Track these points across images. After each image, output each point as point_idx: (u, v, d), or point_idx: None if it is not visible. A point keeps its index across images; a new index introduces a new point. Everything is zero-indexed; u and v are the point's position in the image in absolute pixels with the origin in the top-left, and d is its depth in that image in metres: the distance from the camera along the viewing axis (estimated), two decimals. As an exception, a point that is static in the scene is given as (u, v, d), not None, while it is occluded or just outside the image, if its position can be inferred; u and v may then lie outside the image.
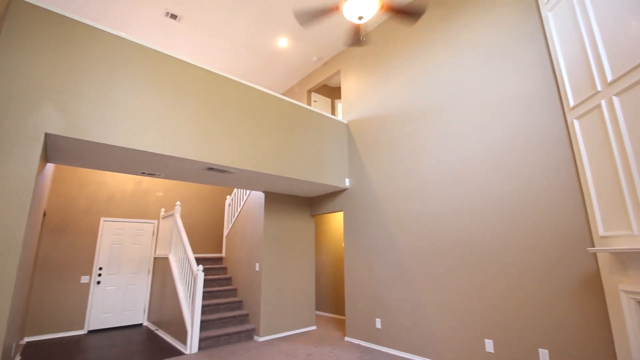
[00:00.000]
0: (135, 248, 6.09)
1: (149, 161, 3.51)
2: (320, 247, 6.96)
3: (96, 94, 2.94)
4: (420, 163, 4.14)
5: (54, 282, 5.19)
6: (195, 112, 3.56)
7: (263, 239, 5.07)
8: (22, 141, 2.54)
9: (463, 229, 3.57)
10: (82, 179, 5.75)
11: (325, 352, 4.12)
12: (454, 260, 3.60)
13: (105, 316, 5.57)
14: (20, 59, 2.62)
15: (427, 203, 3.97)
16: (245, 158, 3.87)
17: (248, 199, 5.76)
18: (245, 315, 5.07)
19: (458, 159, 3.74)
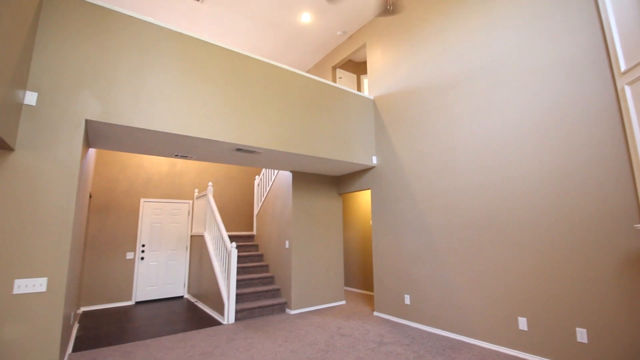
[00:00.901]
0: (173, 226, 6.46)
1: (180, 143, 3.64)
2: (347, 225, 7.02)
3: (129, 79, 3.06)
4: (452, 137, 3.98)
5: (103, 258, 5.66)
6: (223, 93, 3.61)
7: (292, 217, 5.19)
8: (65, 128, 2.71)
9: (497, 204, 3.44)
10: (122, 163, 6.10)
11: (354, 325, 4.24)
12: (487, 236, 3.50)
13: (149, 289, 6.04)
14: (58, 49, 2.76)
15: (460, 179, 3.84)
16: (272, 138, 3.91)
17: (276, 178, 5.87)
18: (277, 290, 5.29)
19: (494, 131, 3.56)
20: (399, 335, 3.80)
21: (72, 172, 2.69)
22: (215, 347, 3.50)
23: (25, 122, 2.56)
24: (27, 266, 2.42)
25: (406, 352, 3.29)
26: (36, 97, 2.61)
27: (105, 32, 3.00)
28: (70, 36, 2.83)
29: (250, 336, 3.86)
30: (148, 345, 3.62)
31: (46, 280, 2.47)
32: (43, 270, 2.47)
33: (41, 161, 2.57)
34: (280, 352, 3.34)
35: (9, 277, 2.35)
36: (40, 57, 2.67)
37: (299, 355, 3.23)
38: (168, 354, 3.34)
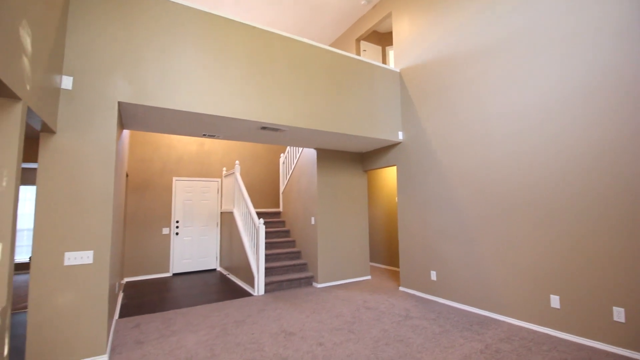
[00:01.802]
0: (203, 204, 6.74)
1: (207, 123, 3.72)
2: (373, 201, 7.00)
3: (157, 61, 3.12)
4: (485, 109, 3.78)
5: (142, 233, 6.05)
6: (247, 71, 3.60)
7: (317, 194, 5.24)
8: (100, 110, 2.84)
9: (531, 179, 3.28)
10: (154, 143, 6.36)
11: (380, 299, 4.32)
12: (520, 212, 3.37)
13: (185, 262, 6.43)
14: (88, 32, 2.84)
15: (492, 152, 3.68)
16: (296, 115, 3.90)
17: (301, 156, 5.90)
18: (304, 264, 5.45)
19: (532, 102, 3.34)
20: (425, 310, 3.83)
21: (109, 153, 2.84)
22: (247, 317, 3.71)
23: (63, 105, 2.70)
24: (75, 240, 2.63)
25: (432, 326, 3.32)
26: (72, 81, 2.73)
27: (132, 13, 3.04)
28: (99, 18, 2.89)
29: (279, 307, 4.04)
30: (186, 313, 3.89)
31: (92, 253, 2.68)
32: (89, 244, 2.68)
33: (80, 143, 2.73)
34: (308, 322, 3.48)
35: (59, 250, 2.58)
36: (73, 41, 2.77)
37: (326, 326, 3.36)
38: (204, 321, 3.58)
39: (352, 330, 3.25)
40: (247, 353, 2.76)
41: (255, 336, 3.13)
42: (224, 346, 2.91)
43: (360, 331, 3.22)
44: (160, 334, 3.22)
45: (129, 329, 3.39)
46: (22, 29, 1.79)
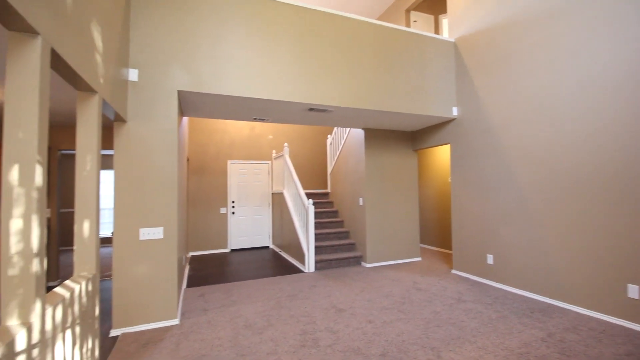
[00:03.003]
0: (256, 185, 7.08)
1: (257, 107, 3.84)
2: (424, 181, 6.75)
3: (210, 49, 3.26)
4: (554, 79, 3.38)
5: (202, 212, 6.57)
6: (294, 53, 3.61)
7: (365, 175, 5.19)
8: (162, 99, 3.07)
9: (608, 157, 2.90)
10: (209, 129, 6.76)
11: (431, 281, 4.24)
12: (589, 195, 3.02)
13: (241, 239, 6.88)
14: (149, 26, 3.05)
15: (560, 128, 3.31)
16: (343, 95, 3.85)
17: (348, 137, 5.85)
18: (352, 244, 5.51)
19: (612, 69, 2.90)
20: (480, 294, 3.69)
21: (172, 139, 3.08)
22: (299, 291, 3.89)
23: (131, 96, 2.97)
24: (148, 218, 2.95)
25: (487, 311, 3.19)
26: (137, 73, 2.98)
27: (188, 6, 3.19)
28: (158, 12, 3.08)
29: (329, 284, 4.17)
30: (243, 285, 4.20)
31: (162, 230, 2.99)
32: (159, 221, 2.99)
33: (147, 130, 3.00)
34: (357, 300, 3.56)
35: (135, 226, 2.91)
36: (136, 35, 3.00)
37: (376, 305, 3.40)
38: (260, 293, 3.84)
39: (401, 310, 3.26)
40: (300, 325, 2.92)
41: (307, 310, 3.29)
42: (278, 317, 3.11)
43: (411, 311, 3.21)
44: (222, 303, 3.53)
45: (195, 297, 3.76)
46: (93, 27, 1.98)
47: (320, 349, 2.48)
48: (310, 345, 2.55)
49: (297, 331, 2.80)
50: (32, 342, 1.24)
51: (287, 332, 2.79)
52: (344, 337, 2.68)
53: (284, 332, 2.78)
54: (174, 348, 2.54)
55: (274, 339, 2.67)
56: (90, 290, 1.93)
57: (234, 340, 2.66)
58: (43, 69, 1.32)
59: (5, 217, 1.22)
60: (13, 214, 1.23)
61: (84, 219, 1.96)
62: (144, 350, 2.52)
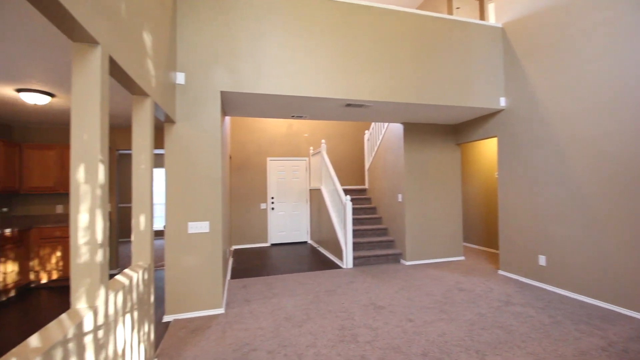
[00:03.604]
0: (294, 182, 7.21)
1: (295, 104, 3.89)
2: (467, 176, 6.43)
3: (249, 49, 3.36)
4: (614, 63, 3.04)
5: (244, 207, 6.83)
6: (330, 49, 3.60)
7: (404, 170, 5.06)
8: (207, 100, 3.23)
9: (689, 148, 2.55)
10: (249, 127, 6.99)
11: (475, 282, 4.04)
12: (666, 190, 2.68)
13: (280, 234, 7.06)
14: (194, 31, 3.21)
15: (624, 119, 2.97)
16: (381, 89, 3.77)
17: (386, 132, 5.73)
18: (391, 241, 5.42)
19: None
20: (530, 297, 3.45)
21: (215, 137, 3.23)
22: (337, 287, 3.91)
23: (179, 98, 3.15)
24: (195, 212, 3.13)
25: (539, 315, 2.98)
26: (184, 77, 3.15)
27: (228, 8, 3.31)
28: (202, 17, 3.23)
29: (368, 281, 4.15)
30: (283, 279, 4.31)
31: (208, 224, 3.16)
32: (205, 215, 3.16)
33: (193, 130, 3.17)
34: (396, 298, 3.50)
35: (184, 220, 3.10)
36: (182, 40, 3.17)
37: (416, 303, 3.32)
38: (300, 287, 3.92)
39: (443, 310, 3.15)
40: (339, 320, 2.94)
41: (345, 305, 3.30)
42: (317, 311, 3.16)
43: (453, 312, 3.09)
44: (263, 295, 3.65)
45: (239, 288, 3.94)
46: (145, 35, 2.12)
47: (359, 345, 2.48)
48: (349, 340, 2.56)
49: (336, 326, 2.82)
50: (97, 324, 1.38)
51: (326, 326, 2.82)
52: (383, 334, 2.65)
53: (322, 326, 2.82)
54: (220, 335, 2.68)
55: (313, 332, 2.71)
56: (146, 279, 2.10)
57: (276, 331, 2.74)
58: (103, 75, 1.45)
59: (74, 212, 1.36)
60: (80, 208, 1.37)
61: (140, 214, 2.13)
62: (193, 336, 2.69)
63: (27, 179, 4.32)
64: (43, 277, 4.12)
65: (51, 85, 2.87)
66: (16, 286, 3.81)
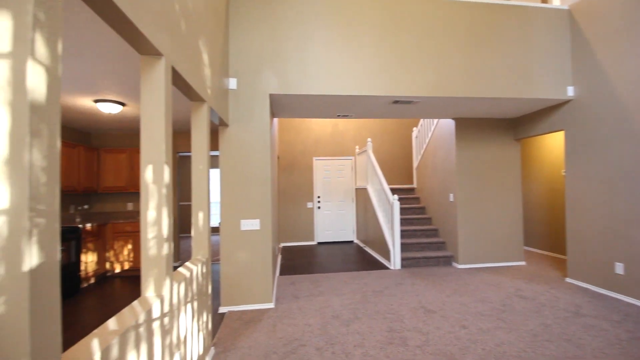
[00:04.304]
0: (340, 181, 7.22)
1: (341, 103, 3.90)
2: (528, 174, 5.92)
3: (296, 51, 3.44)
4: None
5: (291, 206, 7.01)
6: (377, 46, 3.55)
7: (456, 169, 4.81)
8: (257, 104, 3.37)
9: None
10: (296, 128, 7.15)
11: (538, 289, 3.71)
12: None
13: (326, 233, 7.13)
14: (244, 38, 3.36)
15: None
16: (430, 84, 3.63)
17: (436, 128, 5.50)
18: (442, 243, 5.18)
19: None
20: (604, 309, 3.08)
21: (265, 139, 3.36)
22: (385, 288, 3.84)
23: (231, 102, 3.33)
24: (247, 211, 3.29)
25: (615, 329, 2.65)
26: (236, 82, 3.32)
27: (275, 12, 3.42)
28: (251, 25, 3.38)
29: (417, 283, 4.01)
30: (330, 277, 4.35)
31: (259, 221, 3.30)
32: (256, 213, 3.30)
33: (244, 132, 3.33)
34: (448, 302, 3.34)
35: (237, 218, 3.27)
36: (234, 47, 3.34)
37: (470, 309, 3.14)
38: (346, 286, 3.92)
39: (501, 318, 2.94)
40: (387, 322, 2.89)
41: (393, 307, 3.23)
42: (365, 311, 3.13)
43: (513, 321, 2.87)
44: (311, 293, 3.72)
45: (287, 285, 4.05)
46: (201, 45, 2.28)
47: (409, 349, 2.41)
48: (398, 343, 2.50)
49: (384, 327, 2.78)
50: (163, 311, 1.51)
51: (374, 327, 2.79)
52: (434, 339, 2.55)
53: (370, 327, 2.79)
54: (271, 329, 2.78)
55: (360, 332, 2.70)
56: (204, 272, 2.25)
57: (323, 328, 2.78)
58: (167, 84, 1.58)
59: (143, 209, 1.51)
60: (149, 206, 1.51)
61: (199, 211, 2.29)
62: (246, 327, 2.82)
63: (103, 179, 4.87)
64: (117, 267, 4.62)
65: (123, 95, 3.21)
66: (95, 274, 4.32)
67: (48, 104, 0.78)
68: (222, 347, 2.50)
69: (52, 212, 0.79)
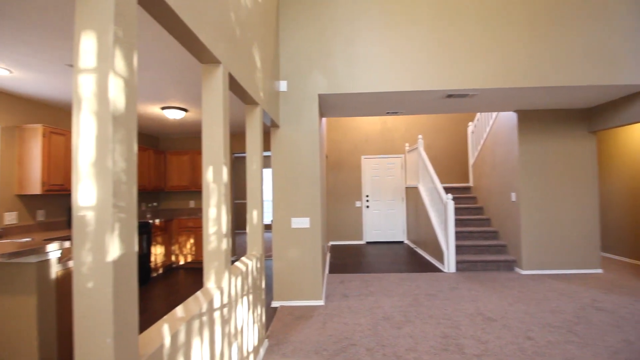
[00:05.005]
0: (389, 179, 7.06)
1: (391, 100, 3.80)
2: (607, 171, 5.24)
3: (343, 51, 3.43)
4: None
5: (339, 205, 7.02)
6: (429, 38, 3.40)
7: (519, 165, 4.42)
8: (306, 104, 3.43)
9: None
10: (344, 127, 7.14)
11: (619, 301, 3.27)
12: None
13: (375, 232, 7.02)
14: (294, 41, 3.44)
15: None
16: (489, 75, 3.38)
17: (495, 122, 5.11)
18: (503, 246, 4.81)
19: None
20: None
21: (314, 139, 3.41)
22: (439, 291, 3.68)
23: (282, 104, 3.43)
24: (297, 209, 3.37)
25: None
26: (286, 84, 3.42)
27: (323, 13, 3.45)
28: (300, 28, 3.45)
29: (474, 288, 3.78)
30: (379, 277, 4.28)
31: (309, 220, 3.36)
32: (306, 212, 3.36)
33: (294, 133, 3.41)
34: (511, 311, 3.09)
35: (288, 216, 3.36)
36: (284, 50, 3.44)
37: (536, 320, 2.87)
38: (397, 288, 3.82)
39: (574, 331, 2.64)
40: (441, 327, 2.76)
41: (448, 312, 3.08)
42: (417, 315, 3.03)
43: (588, 335, 2.56)
44: (361, 292, 3.69)
45: (337, 283, 4.07)
46: (254, 50, 2.37)
47: (466, 357, 2.28)
48: (454, 350, 2.38)
49: (438, 333, 2.66)
50: (223, 302, 1.61)
51: (427, 331, 2.69)
52: (494, 349, 2.38)
53: (423, 331, 2.69)
54: (321, 326, 2.82)
55: (413, 335, 2.61)
56: (258, 267, 2.35)
57: (374, 329, 2.74)
58: (224, 90, 1.68)
59: (205, 206, 1.62)
60: (210, 203, 1.62)
61: (253, 209, 2.40)
62: (297, 322, 2.90)
63: (169, 179, 5.35)
64: (180, 259, 5.03)
65: (185, 102, 3.48)
66: (163, 266, 4.75)
67: (126, 112, 0.88)
68: (275, 339, 2.60)
69: (131, 208, 0.88)
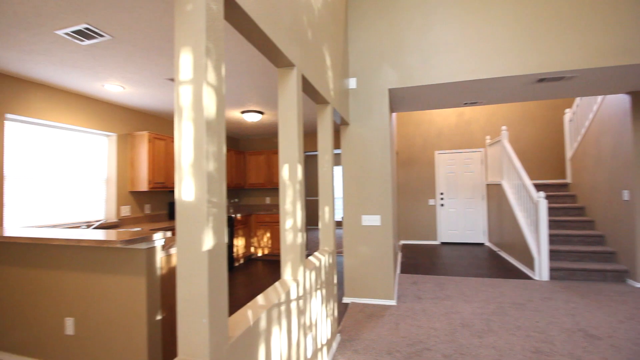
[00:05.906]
0: (466, 176, 6.54)
1: (469, 90, 3.52)
2: None
3: (416, 42, 3.28)
4: None
5: (411, 203, 6.76)
6: (512, 18, 3.05)
7: (633, 158, 3.70)
8: (376, 100, 3.38)
9: None
10: (415, 121, 6.84)
11: None
12: None
13: (451, 232, 6.58)
14: (363, 37, 3.41)
15: None
16: (591, 52, 2.89)
17: (600, 108, 4.35)
18: (611, 253, 4.09)
19: None
20: None
21: (385, 135, 3.34)
22: (528, 301, 3.29)
23: (351, 101, 3.43)
24: (368, 206, 3.35)
25: None
26: (356, 81, 3.41)
27: (393, 4, 3.35)
28: (369, 23, 3.40)
29: (573, 300, 3.29)
30: (457, 281, 4.01)
31: (379, 217, 3.31)
32: (377, 209, 3.32)
33: (364, 130, 3.39)
34: (621, 329, 2.62)
35: (359, 213, 3.37)
36: (353, 48, 3.43)
37: (659, 343, 2.38)
38: (477, 294, 3.54)
39: None
40: (531, 341, 2.47)
41: (540, 325, 2.74)
42: (501, 325, 2.76)
43: None
44: (435, 295, 3.51)
45: (409, 284, 3.94)
46: (325, 51, 2.42)
47: (563, 377, 2.00)
48: (548, 367, 2.11)
49: (528, 347, 2.39)
50: (299, 294, 1.69)
51: (514, 344, 2.43)
52: (601, 372, 2.05)
53: (509, 343, 2.44)
54: (394, 327, 2.76)
55: (497, 347, 2.39)
56: (330, 262, 2.41)
57: (451, 335, 2.58)
58: (298, 91, 1.75)
59: (282, 202, 1.72)
60: (286, 200, 1.71)
61: (325, 206, 2.46)
62: (369, 321, 2.89)
63: (248, 177, 5.80)
64: (259, 251, 5.42)
65: (262, 105, 3.72)
66: (244, 256, 5.18)
67: (217, 118, 0.98)
68: (347, 335, 2.63)
69: (221, 204, 0.98)
